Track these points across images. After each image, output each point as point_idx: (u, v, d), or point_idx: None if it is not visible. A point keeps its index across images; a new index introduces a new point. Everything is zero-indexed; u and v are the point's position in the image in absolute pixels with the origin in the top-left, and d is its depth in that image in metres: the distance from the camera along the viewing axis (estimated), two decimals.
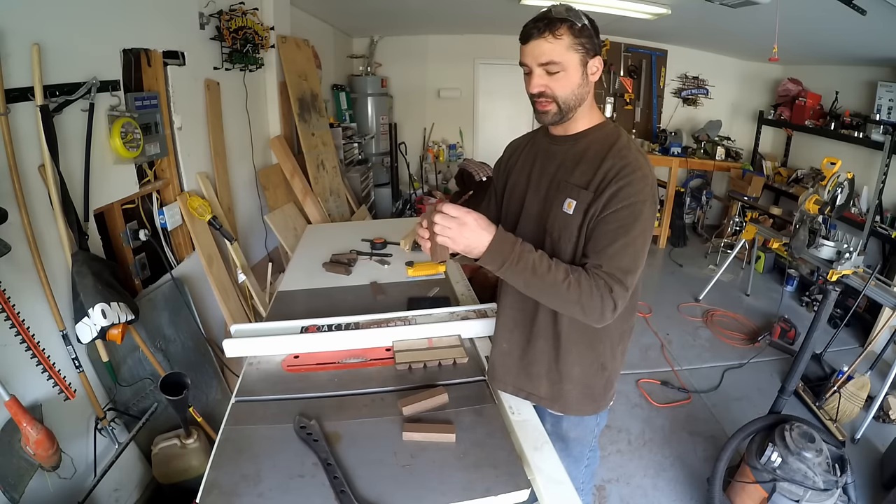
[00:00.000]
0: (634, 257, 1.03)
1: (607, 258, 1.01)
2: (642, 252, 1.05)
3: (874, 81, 3.63)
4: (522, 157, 1.25)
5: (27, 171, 1.39)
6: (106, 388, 1.69)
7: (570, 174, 1.11)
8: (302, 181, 3.25)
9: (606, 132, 1.12)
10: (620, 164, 1.04)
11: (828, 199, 2.60)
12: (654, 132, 5.33)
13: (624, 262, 1.02)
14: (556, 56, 1.01)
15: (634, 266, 1.03)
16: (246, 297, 2.48)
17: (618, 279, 1.00)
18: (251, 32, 2.60)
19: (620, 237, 1.01)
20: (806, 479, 1.64)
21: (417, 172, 5.78)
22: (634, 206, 1.01)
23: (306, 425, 1.11)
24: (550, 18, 1.00)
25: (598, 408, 1.28)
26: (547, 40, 1.00)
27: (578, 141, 1.13)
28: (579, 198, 1.07)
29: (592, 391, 1.25)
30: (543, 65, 1.02)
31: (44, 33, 1.40)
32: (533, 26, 1.02)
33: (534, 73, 1.04)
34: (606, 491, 2.09)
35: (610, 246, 1.02)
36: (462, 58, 5.46)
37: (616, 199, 1.02)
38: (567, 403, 1.25)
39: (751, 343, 3.23)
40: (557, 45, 1.00)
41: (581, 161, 1.10)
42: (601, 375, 1.23)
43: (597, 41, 1.05)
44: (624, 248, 1.01)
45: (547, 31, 1.00)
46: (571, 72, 1.03)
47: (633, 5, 3.38)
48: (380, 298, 1.85)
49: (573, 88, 1.05)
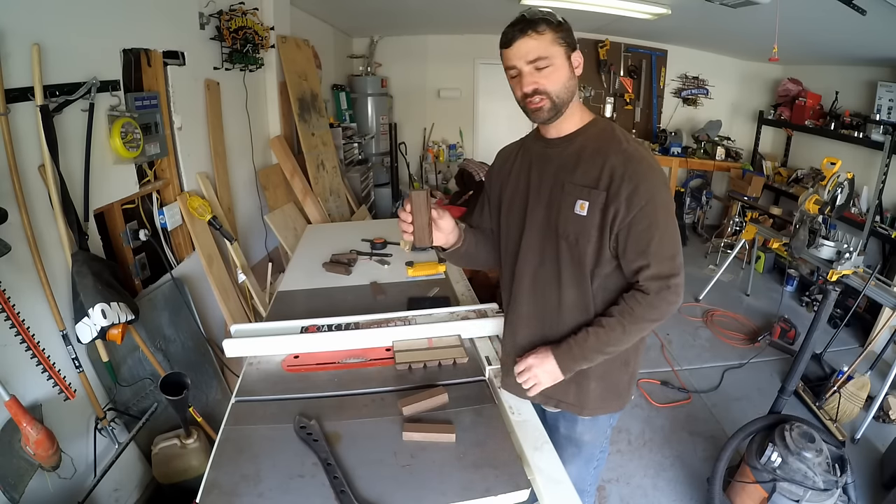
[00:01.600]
0: (673, 241, 1.09)
1: (653, 256, 1.06)
2: (676, 233, 1.10)
3: (874, 81, 3.63)
4: (517, 164, 1.24)
5: (27, 171, 1.39)
6: (106, 388, 1.69)
7: (571, 175, 1.10)
8: (302, 181, 3.25)
9: (600, 128, 1.13)
10: (624, 158, 1.05)
11: (828, 199, 2.60)
12: (654, 132, 5.33)
13: (666, 251, 1.07)
14: (542, 51, 1.03)
15: (676, 248, 1.10)
16: (246, 297, 2.48)
17: (668, 272, 1.07)
18: (251, 32, 2.60)
19: (655, 232, 1.05)
20: (806, 479, 1.64)
21: (417, 172, 5.77)
22: (656, 198, 1.05)
23: (306, 425, 1.11)
24: (529, 20, 1.03)
25: (621, 403, 1.29)
26: (531, 37, 1.02)
27: (573, 140, 1.12)
28: (591, 198, 1.07)
29: (617, 387, 1.25)
30: (532, 62, 1.04)
31: (44, 33, 1.40)
32: (514, 28, 1.04)
33: (523, 72, 1.05)
34: (606, 491, 2.08)
35: (650, 244, 1.06)
36: (462, 58, 5.46)
37: (636, 197, 1.04)
38: (592, 403, 1.24)
39: (751, 343, 3.23)
40: (542, 40, 1.02)
41: (580, 160, 1.10)
42: (625, 370, 1.24)
43: (573, 38, 1.07)
44: (661, 239, 1.06)
45: (529, 29, 1.02)
46: (560, 65, 1.05)
47: (633, 5, 3.38)
48: (380, 298, 1.85)
49: (564, 81, 1.06)
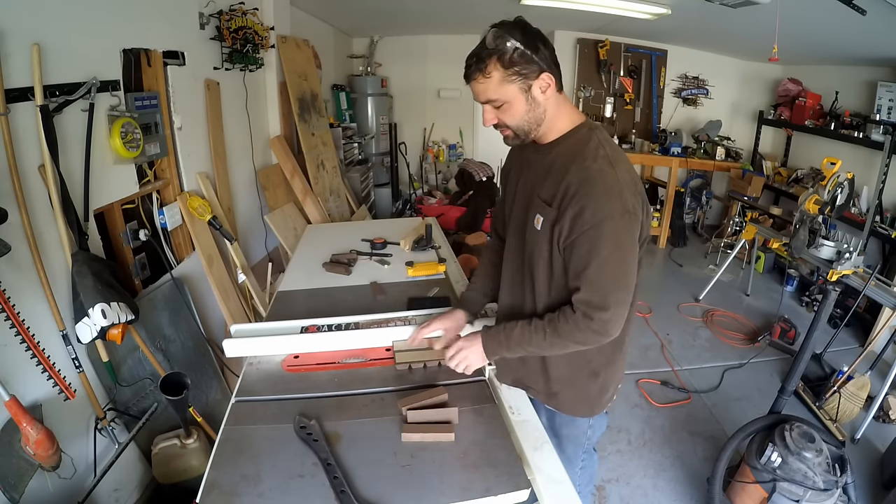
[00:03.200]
0: (614, 276, 1.02)
1: (585, 281, 1.02)
2: (622, 267, 1.02)
3: (874, 81, 3.63)
4: (515, 163, 1.26)
5: (27, 171, 1.39)
6: (106, 388, 1.69)
7: (540, 187, 1.10)
8: (302, 181, 3.25)
9: (577, 138, 1.08)
10: (580, 178, 1.00)
11: (828, 199, 2.60)
12: (654, 132, 5.32)
13: (602, 283, 1.01)
14: (491, 94, 1.02)
15: (615, 285, 1.02)
16: (246, 297, 2.48)
17: (597, 303, 1.02)
18: (251, 32, 2.60)
19: (593, 258, 1.00)
20: (806, 479, 1.64)
21: (417, 172, 5.77)
22: (601, 226, 0.98)
23: (306, 425, 1.11)
24: (479, 55, 1.01)
25: (592, 411, 1.29)
26: (479, 81, 1.02)
27: (550, 151, 1.11)
28: (545, 214, 1.07)
29: (586, 395, 1.26)
30: (486, 103, 1.05)
31: (44, 33, 1.40)
32: (467, 66, 1.03)
33: (483, 107, 1.07)
34: (606, 491, 2.08)
35: (585, 269, 1.02)
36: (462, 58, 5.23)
37: (580, 220, 0.99)
38: (561, 402, 1.28)
39: (751, 343, 3.23)
40: (489, 83, 1.01)
41: (550, 173, 1.09)
42: (594, 381, 1.24)
43: (540, 56, 1.00)
44: (599, 269, 1.00)
45: (477, 71, 1.01)
46: (514, 102, 1.03)
47: (633, 5, 3.38)
48: (380, 298, 1.85)
49: (521, 116, 1.05)
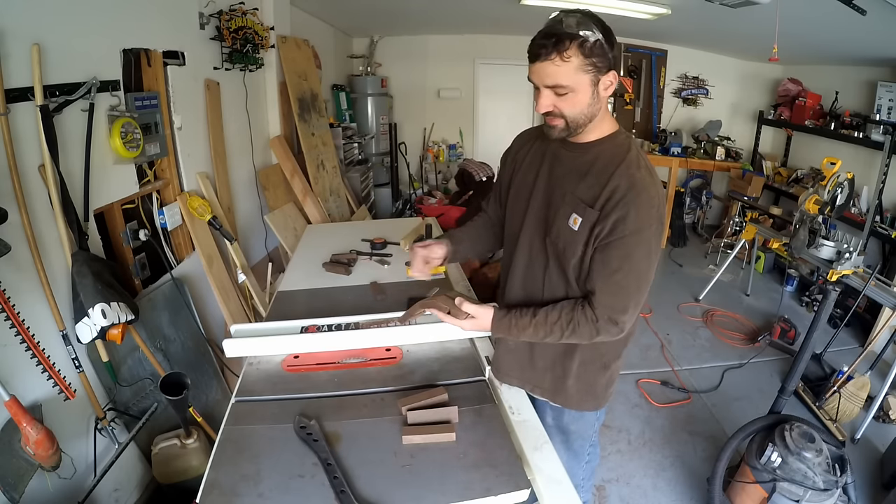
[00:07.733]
0: (639, 282, 1.05)
1: (612, 285, 1.04)
2: (648, 276, 1.06)
3: (874, 81, 3.63)
4: (531, 153, 1.22)
5: (27, 171, 1.39)
6: (106, 388, 1.69)
7: (576, 186, 1.08)
8: (302, 181, 3.25)
9: (617, 143, 1.08)
10: (627, 184, 1.00)
11: (828, 199, 2.60)
12: (654, 132, 5.32)
13: (628, 289, 1.04)
14: (563, 79, 0.96)
15: (638, 290, 1.05)
16: (246, 297, 2.48)
17: (619, 309, 1.04)
18: (251, 32, 2.60)
19: (625, 264, 1.02)
20: (806, 479, 1.64)
21: (417, 172, 5.77)
22: (640, 233, 1.00)
23: (306, 425, 1.11)
24: (559, 36, 0.92)
25: (598, 404, 1.31)
26: (554, 63, 0.94)
27: (588, 151, 1.09)
28: (585, 215, 1.05)
29: (594, 388, 1.28)
30: (551, 87, 0.98)
31: (44, 33, 1.40)
32: (541, 45, 0.95)
33: (542, 91, 1.00)
34: (606, 491, 2.08)
35: (615, 274, 1.03)
36: (462, 58, 5.46)
37: (622, 224, 1.00)
38: (569, 398, 1.28)
39: (751, 343, 3.23)
40: (565, 67, 0.94)
41: (588, 173, 1.07)
42: (603, 374, 1.26)
43: (612, 54, 0.97)
44: (627, 275, 1.03)
45: (555, 52, 0.93)
46: (580, 93, 0.98)
47: (633, 5, 3.38)
48: (380, 298, 1.84)
49: (582, 108, 1.01)
